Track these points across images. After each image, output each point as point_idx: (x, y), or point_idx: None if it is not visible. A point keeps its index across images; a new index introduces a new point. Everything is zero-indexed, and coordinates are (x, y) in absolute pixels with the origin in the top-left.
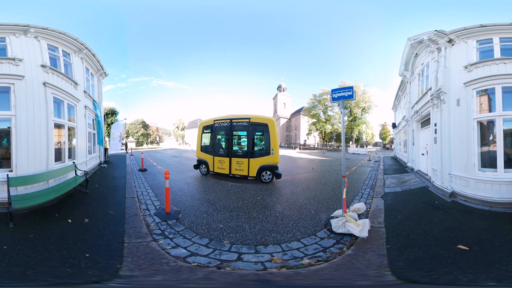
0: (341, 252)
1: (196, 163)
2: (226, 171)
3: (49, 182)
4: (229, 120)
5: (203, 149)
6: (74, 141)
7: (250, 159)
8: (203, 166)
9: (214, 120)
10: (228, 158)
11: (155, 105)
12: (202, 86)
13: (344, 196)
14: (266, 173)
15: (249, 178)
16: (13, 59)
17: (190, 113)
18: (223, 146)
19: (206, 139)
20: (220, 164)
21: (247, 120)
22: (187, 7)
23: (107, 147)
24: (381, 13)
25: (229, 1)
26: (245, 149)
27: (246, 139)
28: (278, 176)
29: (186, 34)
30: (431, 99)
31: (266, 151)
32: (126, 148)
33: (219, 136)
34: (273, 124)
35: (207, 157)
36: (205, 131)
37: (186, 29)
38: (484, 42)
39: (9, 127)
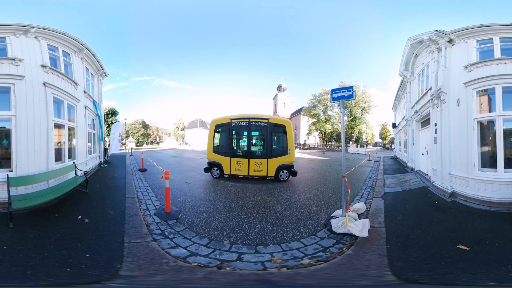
0: (341, 252)
1: (207, 166)
2: (245, 173)
3: (49, 182)
4: (247, 120)
5: (217, 149)
6: (74, 141)
7: (269, 159)
8: (216, 168)
9: (231, 119)
10: (246, 159)
11: (155, 105)
12: (203, 86)
13: (348, 198)
14: (283, 172)
15: (268, 178)
16: (13, 59)
17: (190, 113)
18: (242, 146)
19: (221, 139)
20: (238, 166)
21: (266, 121)
22: (188, 7)
23: (107, 147)
24: (381, 14)
25: (230, 1)
26: (264, 149)
27: (265, 140)
28: (295, 174)
29: (187, 34)
30: (431, 99)
31: (283, 151)
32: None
33: (237, 136)
34: (290, 125)
35: (221, 159)
36: (218, 130)
37: (187, 29)
38: (484, 42)
39: (5, 127)
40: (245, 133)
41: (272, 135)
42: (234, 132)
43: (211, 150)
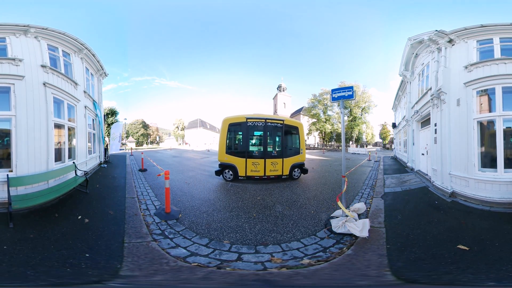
0: (341, 252)
1: (218, 169)
2: (261, 173)
3: (49, 182)
4: (263, 120)
5: (230, 150)
6: (74, 141)
7: (284, 158)
8: (228, 171)
9: (247, 118)
10: (263, 160)
11: (155, 105)
12: (203, 86)
13: (343, 198)
14: (296, 170)
15: (283, 177)
16: (13, 59)
17: (190, 113)
18: (259, 147)
19: (235, 139)
20: (254, 167)
21: (282, 122)
22: (188, 7)
23: (107, 147)
24: (381, 14)
25: (230, 1)
26: (280, 149)
27: (280, 140)
28: (306, 171)
29: (188, 33)
30: (431, 99)
31: (296, 151)
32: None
33: (253, 136)
34: (302, 127)
35: (236, 160)
36: (232, 130)
37: (188, 28)
38: (484, 42)
39: (5, 127)
40: (261, 133)
41: (287, 136)
42: (250, 132)
43: (224, 151)
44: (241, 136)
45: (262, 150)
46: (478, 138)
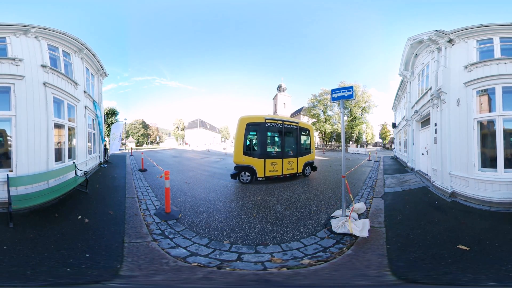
0: (341, 252)
1: (234, 172)
2: (279, 173)
3: (49, 182)
4: (281, 122)
5: (248, 151)
6: (74, 141)
7: (299, 158)
8: (246, 173)
9: (265, 119)
10: (281, 160)
11: (155, 105)
12: (203, 86)
13: (351, 198)
14: (307, 168)
15: (297, 174)
16: (13, 59)
17: (190, 113)
18: (278, 147)
19: (254, 140)
20: (272, 167)
21: (296, 124)
22: (189, 7)
23: (108, 147)
24: (381, 14)
25: (230, 1)
26: (295, 149)
27: (295, 141)
28: (315, 169)
29: (188, 33)
30: (431, 99)
31: (308, 151)
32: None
33: (273, 137)
34: (312, 129)
35: (255, 161)
36: (251, 130)
37: (189, 28)
38: (484, 42)
39: (5, 127)
40: (281, 134)
41: (301, 137)
42: (269, 132)
43: (241, 152)
44: (260, 136)
45: (280, 150)
46: (478, 138)
